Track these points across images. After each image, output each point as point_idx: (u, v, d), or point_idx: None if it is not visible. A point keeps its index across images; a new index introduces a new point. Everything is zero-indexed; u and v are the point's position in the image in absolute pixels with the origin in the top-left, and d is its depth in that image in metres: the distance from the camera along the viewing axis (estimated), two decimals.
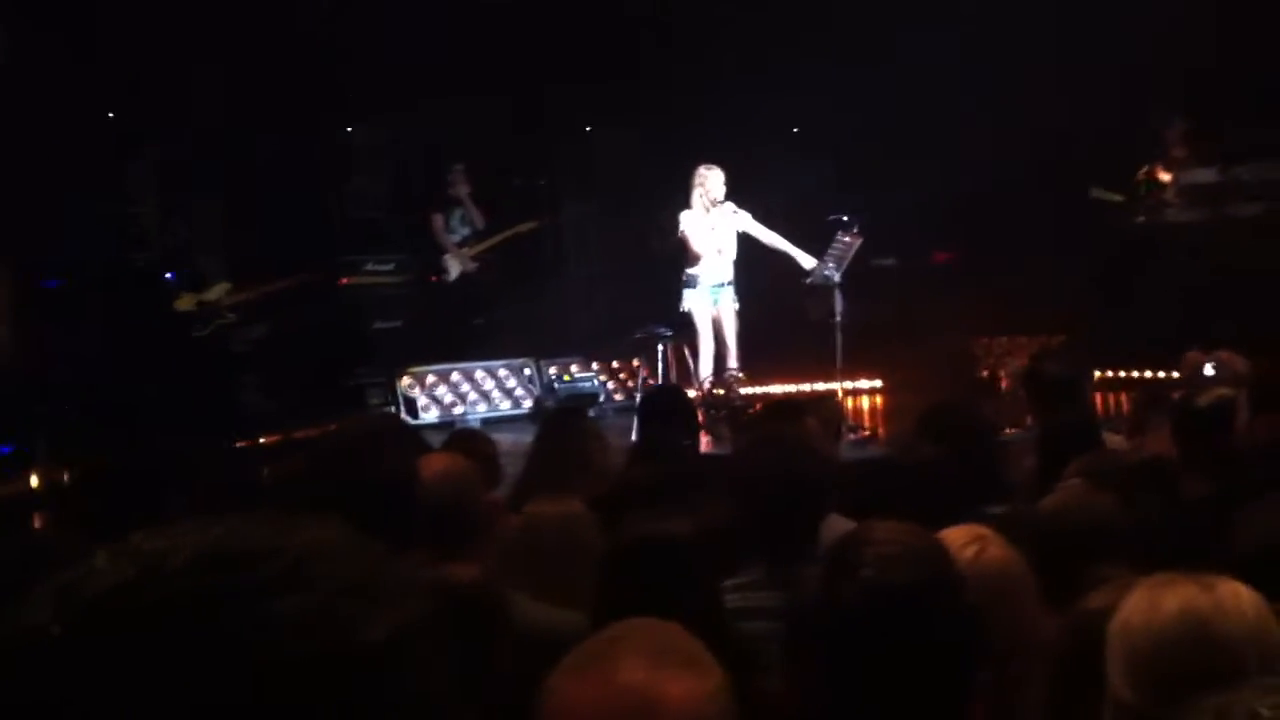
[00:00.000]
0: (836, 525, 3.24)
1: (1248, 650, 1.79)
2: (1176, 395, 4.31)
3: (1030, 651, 2.45)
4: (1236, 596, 1.85)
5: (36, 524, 6.59)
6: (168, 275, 9.34)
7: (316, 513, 0.82)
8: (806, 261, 8.76)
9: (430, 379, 10.02)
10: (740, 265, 8.98)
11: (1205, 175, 9.50)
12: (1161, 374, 8.52)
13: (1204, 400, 3.82)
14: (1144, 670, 1.81)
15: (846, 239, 8.79)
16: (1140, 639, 1.83)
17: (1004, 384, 8.63)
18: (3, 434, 8.08)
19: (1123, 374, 9.22)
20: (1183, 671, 1.76)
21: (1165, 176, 9.66)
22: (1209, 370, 4.92)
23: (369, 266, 10.63)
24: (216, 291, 9.32)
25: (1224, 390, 4.01)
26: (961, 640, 1.97)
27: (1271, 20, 8.99)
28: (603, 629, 1.63)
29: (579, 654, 1.43)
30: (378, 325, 10.48)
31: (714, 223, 8.78)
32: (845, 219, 8.84)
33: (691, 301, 8.85)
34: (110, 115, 9.72)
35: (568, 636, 2.68)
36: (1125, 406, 8.22)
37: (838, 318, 8.69)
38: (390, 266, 10.69)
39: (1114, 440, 4.82)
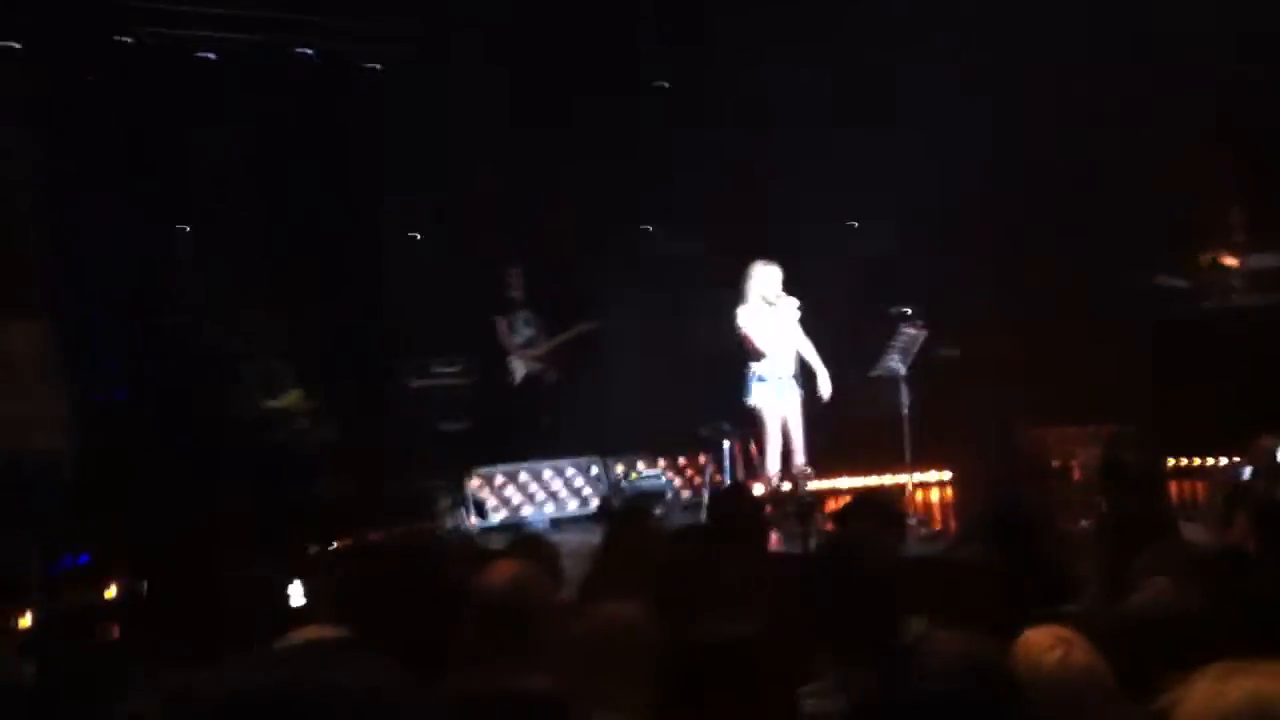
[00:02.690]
0: (917, 627, 3.21)
1: None
2: (1253, 485, 4.23)
3: None
4: None
5: (113, 634, 6.68)
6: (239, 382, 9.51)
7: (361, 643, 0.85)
8: (824, 386, 8.78)
9: (498, 479, 10.08)
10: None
11: (1270, 259, 9.42)
12: (1236, 459, 8.35)
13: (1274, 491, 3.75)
14: None
15: (911, 330, 8.82)
16: None
17: (1076, 474, 8.52)
18: (79, 543, 8.21)
19: (1196, 461, 9.07)
20: None
21: (1230, 261, 9.58)
22: None
23: (435, 369, 10.75)
24: (290, 399, 9.46)
25: None
26: None
27: None
28: None
29: None
30: (444, 427, 10.56)
31: (773, 317, 8.81)
32: (908, 311, 8.86)
33: (757, 396, 8.85)
34: (180, 228, 9.98)
35: None
36: (1200, 494, 8.09)
37: (905, 410, 8.68)
38: (456, 368, 10.80)
39: (1188, 529, 4.75)
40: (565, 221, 11.03)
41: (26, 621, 6.86)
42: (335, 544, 8.74)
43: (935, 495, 10.08)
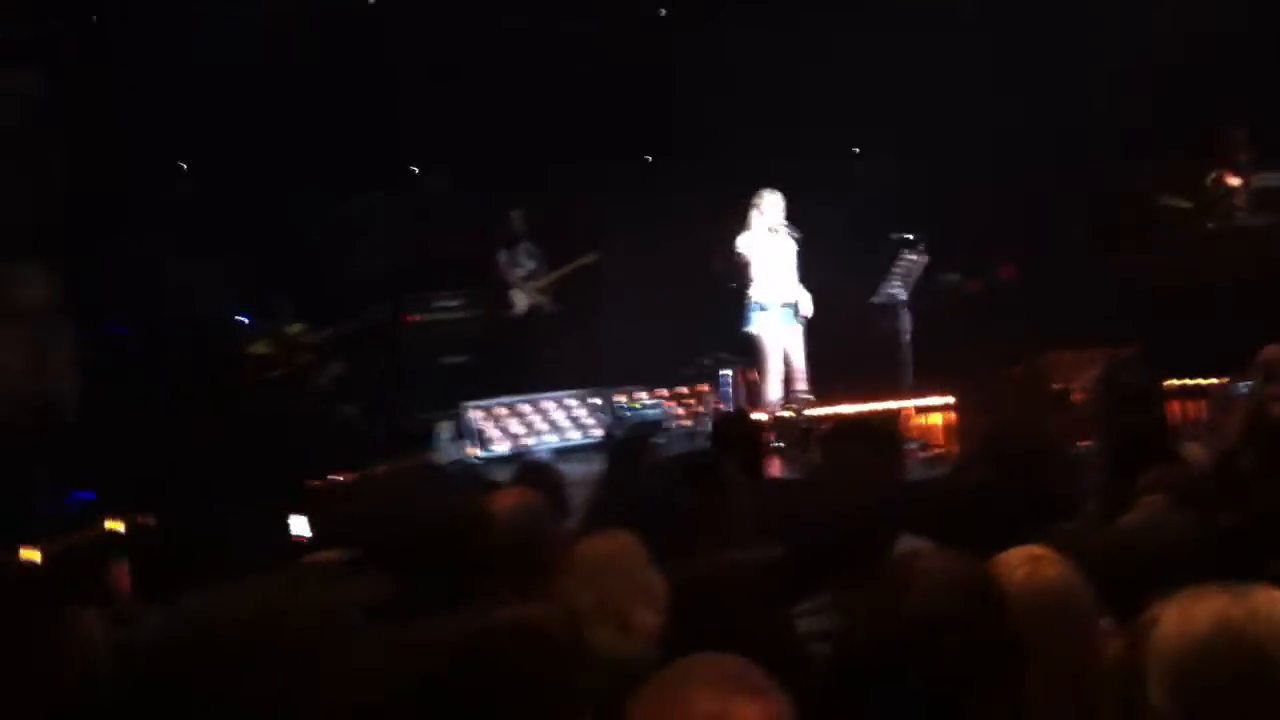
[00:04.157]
0: (910, 546, 3.23)
1: None
2: (1249, 402, 4.21)
3: (1090, 671, 2.43)
4: (1272, 604, 1.83)
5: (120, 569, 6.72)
6: (242, 318, 9.52)
7: (360, 566, 0.85)
8: (806, 307, 8.73)
9: (500, 411, 10.10)
10: (807, 286, 8.97)
11: (1274, 179, 9.35)
12: (1233, 379, 8.35)
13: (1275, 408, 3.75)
14: (1181, 681, 1.80)
15: (912, 257, 8.81)
16: (1175, 649, 1.82)
17: (1076, 397, 8.51)
18: (84, 480, 8.26)
19: (1200, 381, 9.06)
20: (1219, 680, 1.76)
21: (1234, 181, 9.51)
22: None
23: (437, 303, 10.75)
24: (292, 331, 9.47)
25: None
26: (1001, 669, 1.98)
27: None
28: (673, 662, 1.71)
29: (654, 686, 1.55)
30: (446, 360, 10.58)
31: (774, 245, 8.79)
32: (910, 237, 8.85)
33: (758, 325, 8.85)
34: (182, 165, 9.94)
35: (639, 667, 2.70)
36: (1202, 413, 8.10)
37: (906, 335, 8.68)
38: (457, 302, 10.80)
39: (1192, 449, 4.74)
40: (568, 153, 10.97)
41: (37, 557, 6.90)
42: (339, 477, 8.80)
43: (938, 419, 10.08)
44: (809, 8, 10.40)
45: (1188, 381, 9.05)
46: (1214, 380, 8.81)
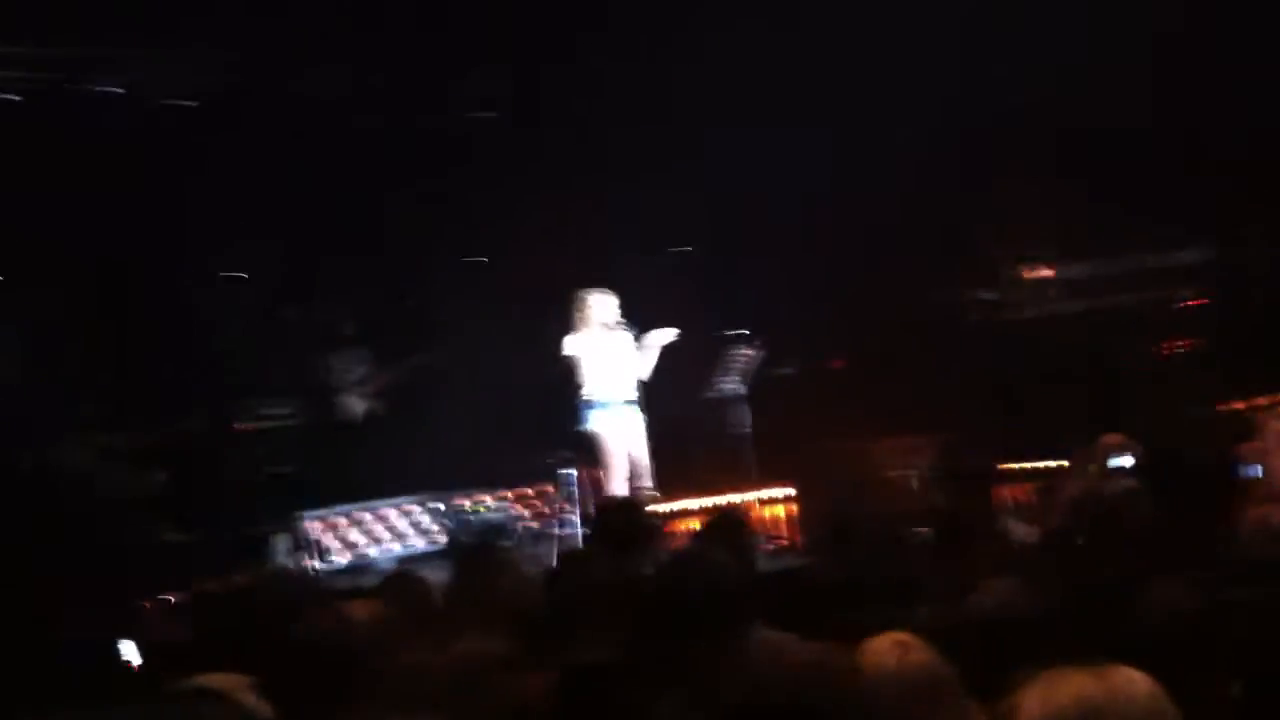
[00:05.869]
0: (765, 638, 3.24)
1: None
2: (1081, 486, 4.36)
3: None
4: (1130, 683, 1.90)
5: None
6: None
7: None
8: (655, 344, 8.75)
9: (339, 521, 9.83)
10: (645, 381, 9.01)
11: (1082, 269, 9.84)
12: (1058, 463, 8.66)
13: (1109, 491, 3.90)
14: None
15: (748, 351, 8.98)
16: None
17: (915, 483, 8.74)
18: None
19: (1021, 466, 9.37)
20: None
21: (1046, 271, 9.97)
22: (1125, 459, 4.95)
23: (265, 411, 10.47)
24: (108, 442, 9.12)
25: (1128, 481, 4.09)
26: None
27: (1138, 115, 9.42)
28: None
29: None
30: (278, 469, 10.28)
31: (608, 344, 8.80)
32: (744, 332, 9.03)
33: (595, 423, 8.84)
34: None
35: None
36: (1025, 497, 8.38)
37: (747, 429, 8.82)
38: (287, 410, 10.54)
39: (1018, 528, 4.92)
40: (396, 255, 10.89)
41: None
42: (169, 596, 8.42)
43: (781, 511, 10.18)
44: (643, 112, 10.55)
45: (1013, 465, 9.36)
46: (1042, 464, 9.15)
